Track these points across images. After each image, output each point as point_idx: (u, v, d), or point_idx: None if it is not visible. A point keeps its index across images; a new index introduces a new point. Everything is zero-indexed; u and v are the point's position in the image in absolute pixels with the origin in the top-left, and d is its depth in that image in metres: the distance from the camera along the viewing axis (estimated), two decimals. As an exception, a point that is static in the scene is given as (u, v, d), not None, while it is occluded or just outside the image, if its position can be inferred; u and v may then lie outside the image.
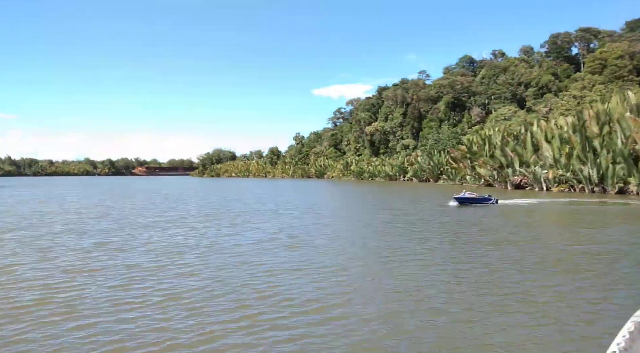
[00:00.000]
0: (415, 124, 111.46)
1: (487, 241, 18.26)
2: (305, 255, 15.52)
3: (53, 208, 35.92)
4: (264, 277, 12.41)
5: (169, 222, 25.65)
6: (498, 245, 17.22)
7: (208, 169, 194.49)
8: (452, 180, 76.69)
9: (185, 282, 11.95)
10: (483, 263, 14.01)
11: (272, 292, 10.90)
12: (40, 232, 21.21)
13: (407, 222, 24.93)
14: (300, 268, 13.45)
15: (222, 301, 10.20)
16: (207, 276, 12.62)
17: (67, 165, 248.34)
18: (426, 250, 16.42)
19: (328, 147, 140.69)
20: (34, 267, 13.81)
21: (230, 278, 12.28)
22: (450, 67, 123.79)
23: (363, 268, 13.53)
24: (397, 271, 13.06)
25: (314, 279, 12.18)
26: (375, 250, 16.44)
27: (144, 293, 10.83)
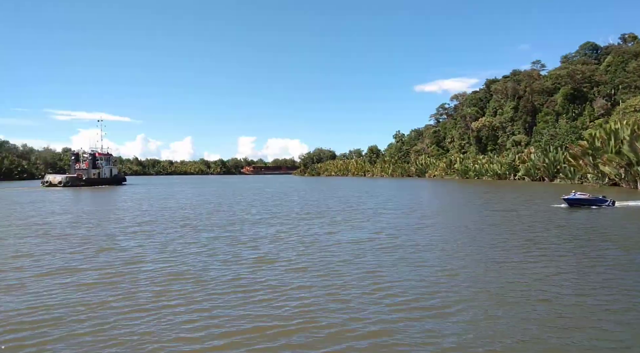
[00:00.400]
0: (528, 119, 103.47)
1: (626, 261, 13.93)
2: (406, 256, 14.77)
3: (174, 204, 39.13)
4: (370, 278, 11.96)
5: (274, 219, 26.40)
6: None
7: (309, 168, 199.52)
8: (570, 179, 69.89)
9: (291, 277, 11.95)
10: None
11: (382, 294, 10.40)
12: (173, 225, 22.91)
13: (517, 225, 22.84)
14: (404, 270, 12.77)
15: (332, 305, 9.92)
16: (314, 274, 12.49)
17: (185, 165, 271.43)
18: (545, 259, 14.72)
19: (430, 144, 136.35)
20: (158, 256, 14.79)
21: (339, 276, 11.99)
22: (569, 56, 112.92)
23: (471, 272, 12.46)
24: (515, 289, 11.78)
25: (421, 279, 11.44)
26: (486, 255, 15.14)
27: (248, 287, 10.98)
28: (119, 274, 12.64)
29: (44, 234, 20.31)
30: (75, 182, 78.71)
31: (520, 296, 10.15)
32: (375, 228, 21.71)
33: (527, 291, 10.56)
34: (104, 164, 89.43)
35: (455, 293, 10.44)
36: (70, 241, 18.37)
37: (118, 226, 23.33)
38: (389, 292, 10.65)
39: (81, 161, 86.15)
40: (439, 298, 10.09)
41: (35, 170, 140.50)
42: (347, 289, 10.93)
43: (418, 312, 9.23)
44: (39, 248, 16.60)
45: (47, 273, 12.78)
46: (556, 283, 11.17)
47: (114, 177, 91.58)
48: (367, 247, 16.63)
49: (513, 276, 12.02)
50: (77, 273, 12.77)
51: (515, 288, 10.83)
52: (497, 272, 12.62)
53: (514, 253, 15.11)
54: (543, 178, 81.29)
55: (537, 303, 9.63)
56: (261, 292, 10.73)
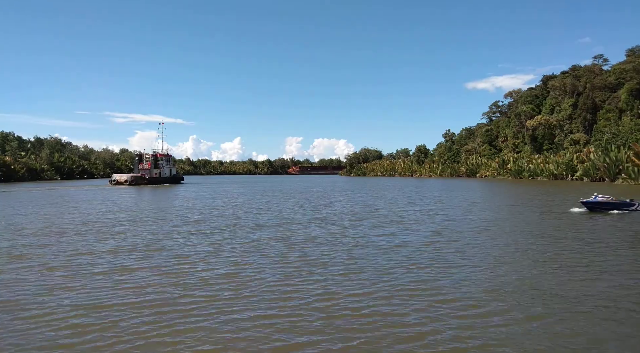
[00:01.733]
0: (588, 116, 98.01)
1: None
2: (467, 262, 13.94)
3: (234, 202, 39.80)
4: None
5: (323, 220, 26.10)
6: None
7: (355, 168, 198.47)
8: (634, 179, 65.50)
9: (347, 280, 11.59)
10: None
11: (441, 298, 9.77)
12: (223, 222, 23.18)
13: (511, 236, 21.25)
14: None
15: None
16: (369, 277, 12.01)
17: (234, 165, 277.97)
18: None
19: (481, 143, 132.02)
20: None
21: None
22: (635, 49, 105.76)
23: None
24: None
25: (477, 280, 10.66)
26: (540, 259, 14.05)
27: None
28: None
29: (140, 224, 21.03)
30: (139, 181, 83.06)
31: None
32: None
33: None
34: (164, 164, 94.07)
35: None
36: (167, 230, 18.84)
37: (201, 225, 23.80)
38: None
39: (144, 161, 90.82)
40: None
41: (95, 170, 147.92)
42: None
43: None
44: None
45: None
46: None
47: (173, 176, 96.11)
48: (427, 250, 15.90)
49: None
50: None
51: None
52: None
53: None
54: (603, 179, 76.62)
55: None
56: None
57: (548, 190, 56.47)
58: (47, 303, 9.84)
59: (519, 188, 62.27)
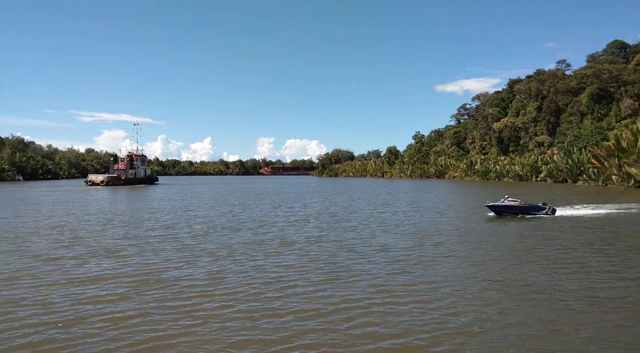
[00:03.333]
0: (552, 119, 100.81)
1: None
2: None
3: (209, 203, 38.97)
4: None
5: (301, 222, 25.79)
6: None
7: (327, 169, 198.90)
8: (594, 180, 67.60)
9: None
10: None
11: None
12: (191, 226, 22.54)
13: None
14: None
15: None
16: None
17: (204, 165, 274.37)
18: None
19: (450, 145, 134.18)
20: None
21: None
22: (596, 55, 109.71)
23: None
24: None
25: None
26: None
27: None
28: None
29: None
30: (115, 181, 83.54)
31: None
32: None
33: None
34: (140, 164, 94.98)
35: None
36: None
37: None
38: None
39: (119, 162, 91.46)
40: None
41: (60, 170, 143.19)
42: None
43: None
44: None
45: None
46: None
47: (148, 177, 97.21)
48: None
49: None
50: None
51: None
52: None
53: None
54: (566, 180, 78.93)
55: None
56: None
57: (497, 190, 57.68)
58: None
59: (475, 189, 63.48)
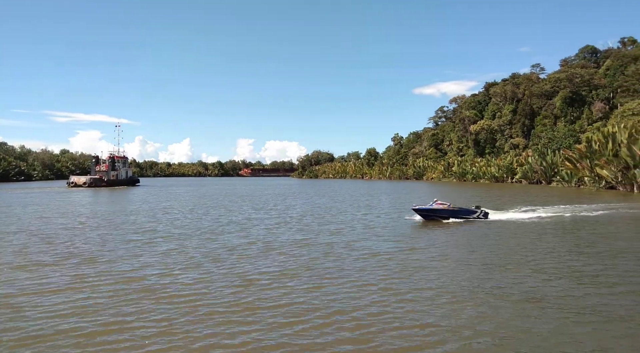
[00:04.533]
0: (527, 122, 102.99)
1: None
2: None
3: (192, 204, 38.44)
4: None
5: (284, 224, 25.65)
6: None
7: (307, 171, 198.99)
8: (567, 182, 69.33)
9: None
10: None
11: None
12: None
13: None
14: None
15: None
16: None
17: (183, 167, 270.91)
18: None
19: (428, 147, 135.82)
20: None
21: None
22: (568, 59, 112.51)
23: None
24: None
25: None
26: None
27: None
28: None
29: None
30: (98, 183, 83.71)
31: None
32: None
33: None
34: (121, 166, 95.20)
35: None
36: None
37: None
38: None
39: (101, 163, 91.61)
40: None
41: (33, 172, 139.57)
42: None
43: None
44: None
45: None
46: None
47: (129, 178, 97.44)
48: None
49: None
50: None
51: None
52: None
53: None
54: (540, 181, 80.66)
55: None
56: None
57: (472, 191, 58.67)
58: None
59: (452, 190, 64.41)
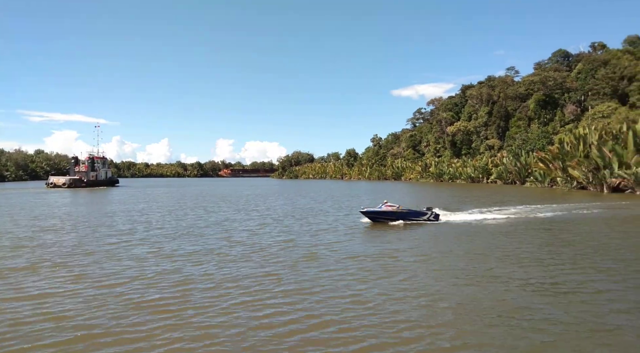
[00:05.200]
0: (502, 123, 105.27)
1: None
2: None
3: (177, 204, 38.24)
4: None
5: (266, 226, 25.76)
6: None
7: (287, 171, 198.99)
8: (541, 182, 71.21)
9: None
10: None
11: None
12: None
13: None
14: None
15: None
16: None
17: (161, 167, 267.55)
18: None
19: (406, 148, 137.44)
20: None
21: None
22: (542, 63, 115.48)
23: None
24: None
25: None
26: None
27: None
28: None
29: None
30: (77, 183, 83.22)
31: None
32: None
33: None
34: (101, 166, 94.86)
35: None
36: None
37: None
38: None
39: (80, 164, 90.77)
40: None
41: (6, 173, 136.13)
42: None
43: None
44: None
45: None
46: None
47: (109, 179, 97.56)
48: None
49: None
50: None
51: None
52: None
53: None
54: (515, 182, 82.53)
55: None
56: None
57: (447, 191, 59.90)
58: None
59: (428, 190, 65.58)
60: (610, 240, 18.05)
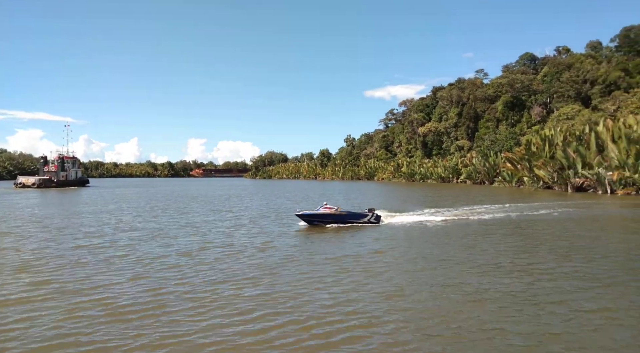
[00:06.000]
0: (471, 125, 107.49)
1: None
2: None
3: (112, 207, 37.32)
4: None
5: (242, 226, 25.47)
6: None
7: (260, 171, 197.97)
8: (509, 182, 73.16)
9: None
10: None
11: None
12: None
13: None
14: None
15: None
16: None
17: (130, 167, 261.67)
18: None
19: (379, 148, 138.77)
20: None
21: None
22: (509, 65, 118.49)
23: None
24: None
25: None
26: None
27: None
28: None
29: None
30: (47, 183, 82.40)
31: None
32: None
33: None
34: (71, 166, 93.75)
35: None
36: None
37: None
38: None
39: (49, 164, 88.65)
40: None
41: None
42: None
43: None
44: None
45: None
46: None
47: (79, 179, 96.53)
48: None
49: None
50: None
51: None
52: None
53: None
54: (484, 182, 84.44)
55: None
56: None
57: (419, 191, 60.91)
58: None
59: (399, 189, 66.51)
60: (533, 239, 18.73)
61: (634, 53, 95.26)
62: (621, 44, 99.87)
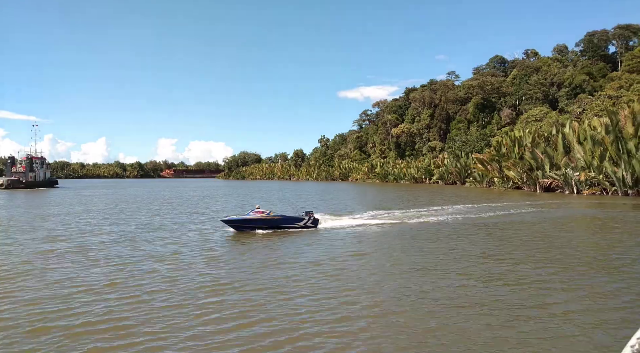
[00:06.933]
0: (443, 126, 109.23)
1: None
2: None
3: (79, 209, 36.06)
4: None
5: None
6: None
7: (234, 172, 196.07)
8: (480, 182, 74.56)
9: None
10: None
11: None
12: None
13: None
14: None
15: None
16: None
17: (98, 167, 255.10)
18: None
19: (353, 149, 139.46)
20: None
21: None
22: (480, 68, 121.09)
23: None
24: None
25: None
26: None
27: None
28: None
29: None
30: (15, 184, 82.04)
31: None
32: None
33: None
34: (39, 167, 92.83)
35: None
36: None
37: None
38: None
39: (17, 165, 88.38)
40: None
41: None
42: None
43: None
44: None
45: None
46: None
47: (48, 180, 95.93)
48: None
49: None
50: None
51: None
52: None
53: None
54: (455, 182, 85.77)
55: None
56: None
57: (393, 191, 61.45)
58: None
59: (370, 189, 66.93)
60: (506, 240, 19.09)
61: (598, 57, 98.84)
62: (585, 49, 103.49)
